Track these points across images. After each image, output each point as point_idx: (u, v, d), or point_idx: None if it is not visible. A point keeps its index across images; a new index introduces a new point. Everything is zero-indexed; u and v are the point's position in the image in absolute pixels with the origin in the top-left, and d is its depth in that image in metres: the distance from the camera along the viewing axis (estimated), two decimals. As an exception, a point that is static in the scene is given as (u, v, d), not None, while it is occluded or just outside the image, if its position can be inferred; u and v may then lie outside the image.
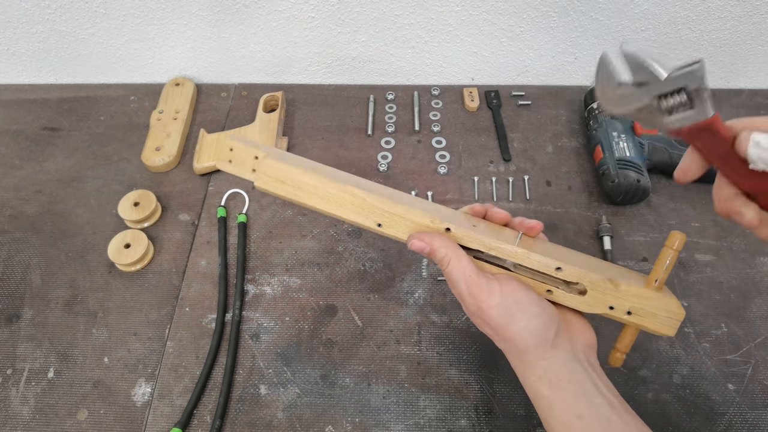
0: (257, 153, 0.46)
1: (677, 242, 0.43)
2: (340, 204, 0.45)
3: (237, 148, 0.47)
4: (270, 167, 0.46)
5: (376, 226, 0.45)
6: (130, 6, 0.77)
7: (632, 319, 0.44)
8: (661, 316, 0.43)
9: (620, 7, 0.77)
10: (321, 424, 0.56)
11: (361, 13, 0.78)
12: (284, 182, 0.45)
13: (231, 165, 0.47)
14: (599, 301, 0.43)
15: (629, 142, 0.72)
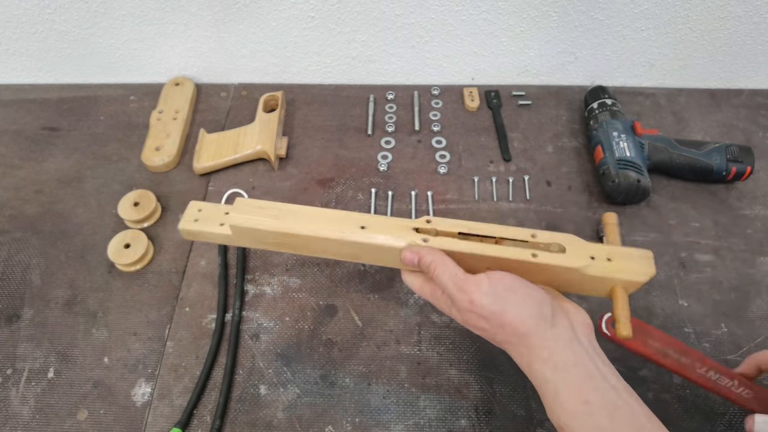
0: (227, 209, 0.49)
1: (612, 218, 0.49)
2: (323, 218, 0.46)
3: (206, 208, 0.49)
4: (246, 203, 0.47)
5: (359, 229, 0.46)
6: (130, 6, 0.77)
7: (613, 265, 0.44)
8: (635, 257, 0.45)
9: (620, 7, 0.77)
10: (321, 424, 0.56)
11: (361, 13, 0.78)
12: (262, 208, 0.47)
13: (198, 223, 0.49)
14: (580, 254, 0.45)
15: (629, 142, 0.72)
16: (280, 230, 0.46)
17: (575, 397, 0.39)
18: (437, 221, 0.47)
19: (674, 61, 0.85)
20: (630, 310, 0.45)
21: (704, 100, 0.86)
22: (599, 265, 0.44)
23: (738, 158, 0.71)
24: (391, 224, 0.46)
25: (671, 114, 0.84)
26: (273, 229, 0.46)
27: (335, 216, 0.47)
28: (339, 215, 0.47)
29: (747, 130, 0.82)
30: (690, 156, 0.72)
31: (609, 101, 0.77)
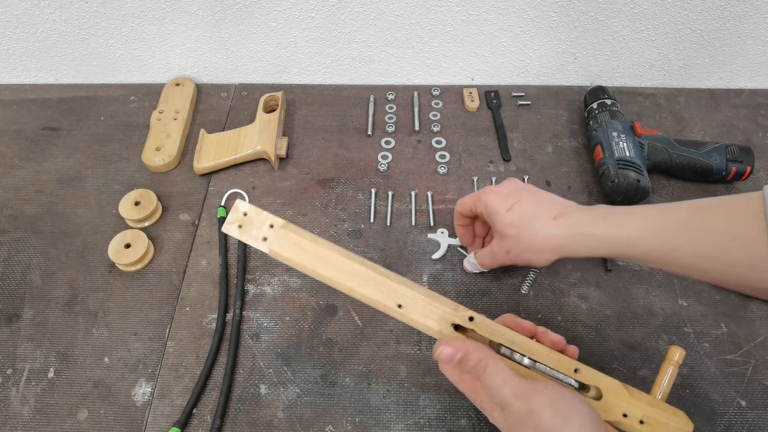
0: (273, 221, 0.46)
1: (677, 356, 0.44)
2: (363, 280, 0.44)
3: (251, 213, 0.46)
4: (288, 237, 0.45)
5: (396, 307, 0.43)
6: (130, 6, 0.77)
7: (644, 429, 0.42)
8: (672, 427, 0.42)
9: (620, 7, 0.77)
10: (321, 423, 0.56)
11: (361, 13, 0.78)
12: (304, 249, 0.45)
13: (241, 230, 0.46)
14: (614, 407, 0.42)
15: (629, 142, 0.72)
16: (313, 275, 0.45)
17: None
18: (480, 322, 0.43)
19: (674, 61, 0.85)
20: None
21: (704, 100, 0.86)
22: (629, 425, 0.42)
23: (738, 158, 0.71)
24: (430, 309, 0.43)
25: (671, 114, 0.84)
26: (308, 273, 0.45)
27: (375, 281, 0.43)
28: (378, 282, 0.43)
29: (747, 130, 0.82)
30: (690, 156, 0.72)
31: (609, 101, 0.77)
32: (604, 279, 0.66)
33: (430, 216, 0.72)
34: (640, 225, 0.48)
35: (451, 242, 0.69)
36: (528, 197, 0.55)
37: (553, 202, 0.55)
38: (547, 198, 0.56)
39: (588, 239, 0.51)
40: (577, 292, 0.65)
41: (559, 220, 0.53)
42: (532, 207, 0.54)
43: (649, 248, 0.48)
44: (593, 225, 0.51)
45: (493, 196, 0.56)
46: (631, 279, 0.66)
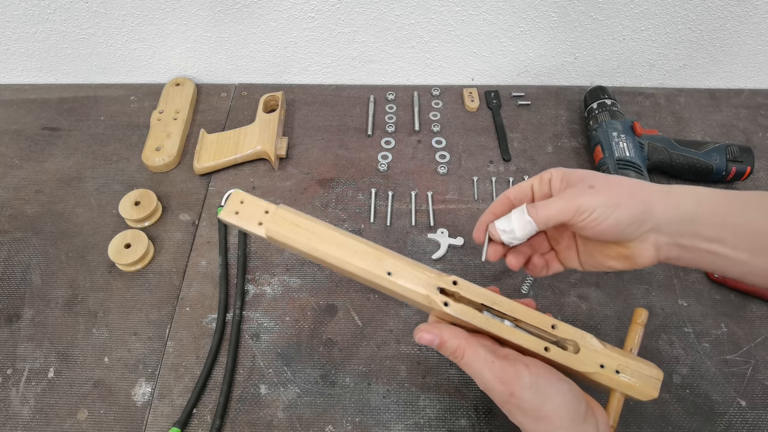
0: (268, 208, 0.48)
1: (642, 317, 0.48)
2: (353, 251, 0.45)
3: (248, 201, 0.48)
4: (284, 216, 0.47)
5: (386, 275, 0.45)
6: (130, 6, 0.77)
7: (620, 378, 0.44)
8: (645, 375, 0.44)
9: (620, 7, 0.77)
10: (321, 423, 0.56)
11: (361, 13, 0.78)
12: (299, 226, 0.46)
13: (237, 216, 0.48)
14: (591, 359, 0.44)
15: (629, 142, 0.72)
16: (308, 252, 0.46)
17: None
18: (464, 286, 0.45)
19: (674, 61, 0.85)
20: (619, 417, 0.45)
21: (704, 100, 0.86)
22: (605, 375, 0.44)
23: (738, 158, 0.71)
24: (417, 276, 0.45)
25: (671, 114, 0.84)
26: (302, 248, 0.46)
27: (365, 252, 0.45)
28: (368, 253, 0.45)
29: (747, 130, 0.82)
30: (690, 156, 0.72)
31: (608, 101, 0.77)
32: (604, 279, 0.66)
33: (430, 216, 0.72)
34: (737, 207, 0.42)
35: (451, 242, 0.69)
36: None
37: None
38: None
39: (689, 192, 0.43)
40: (577, 292, 0.65)
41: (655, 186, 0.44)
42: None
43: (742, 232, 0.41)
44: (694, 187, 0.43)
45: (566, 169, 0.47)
46: (631, 279, 0.66)
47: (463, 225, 0.71)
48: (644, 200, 0.42)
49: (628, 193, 0.42)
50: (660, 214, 0.42)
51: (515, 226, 0.45)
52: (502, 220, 0.46)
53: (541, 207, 0.44)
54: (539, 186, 0.47)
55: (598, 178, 0.44)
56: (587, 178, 0.44)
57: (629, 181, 0.44)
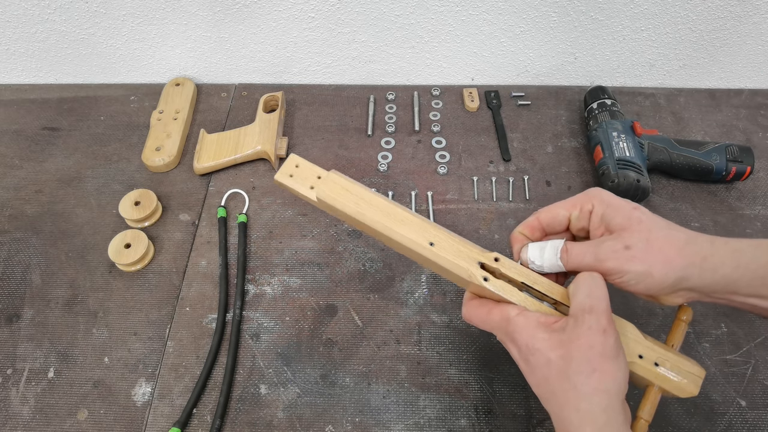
0: (321, 173, 0.50)
1: (687, 315, 0.47)
2: (399, 220, 0.46)
3: (302, 165, 0.51)
4: (335, 180, 0.48)
5: (428, 245, 0.45)
6: (130, 6, 0.77)
7: (659, 370, 0.43)
8: (684, 371, 0.43)
9: (620, 7, 0.77)
10: (321, 423, 0.56)
11: (361, 13, 0.78)
12: (348, 191, 0.47)
13: (291, 179, 0.50)
14: (629, 348, 0.43)
15: (629, 142, 0.72)
16: (354, 216, 0.46)
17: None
18: (505, 263, 0.44)
19: (674, 61, 0.85)
20: (654, 414, 0.43)
21: (704, 100, 0.86)
22: (644, 367, 0.43)
23: (738, 158, 0.71)
24: (459, 249, 0.45)
25: (671, 114, 0.84)
26: (349, 213, 0.46)
27: (411, 221, 0.46)
28: (413, 222, 0.46)
29: (747, 130, 0.82)
30: (690, 156, 0.72)
31: (608, 101, 0.77)
32: (604, 279, 0.66)
33: (430, 216, 0.72)
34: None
35: None
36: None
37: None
38: None
39: (735, 254, 0.41)
40: (577, 292, 0.65)
41: (695, 232, 0.43)
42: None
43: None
44: (738, 241, 0.42)
45: (612, 195, 0.45)
46: (631, 279, 0.66)
47: (463, 225, 0.71)
48: (680, 268, 0.41)
49: (664, 261, 0.41)
50: (694, 281, 0.41)
51: (545, 263, 0.45)
52: (534, 250, 0.46)
53: (573, 256, 0.43)
54: (577, 218, 0.46)
55: (636, 236, 0.41)
56: (627, 231, 0.42)
57: (669, 244, 0.41)
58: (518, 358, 0.43)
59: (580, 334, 0.39)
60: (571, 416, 0.38)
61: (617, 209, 0.43)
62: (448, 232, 0.46)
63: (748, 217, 0.72)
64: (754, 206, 0.73)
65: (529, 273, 0.45)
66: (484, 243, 0.69)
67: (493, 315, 0.44)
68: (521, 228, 0.48)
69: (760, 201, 0.74)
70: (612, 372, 0.38)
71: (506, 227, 0.71)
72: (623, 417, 0.38)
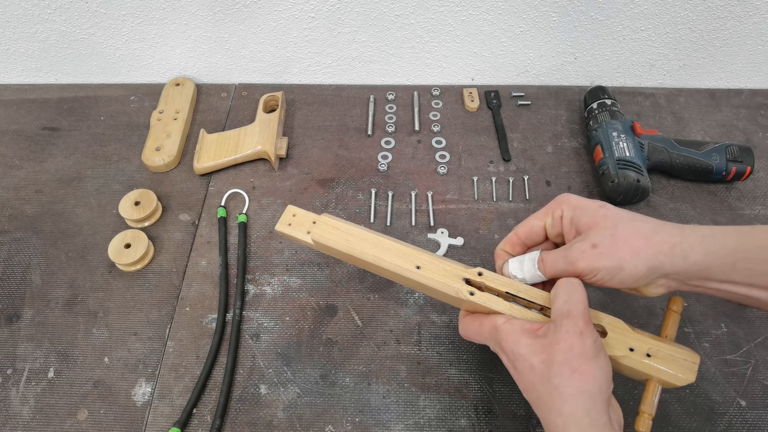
0: (315, 218, 0.55)
1: (678, 305, 0.47)
2: (386, 249, 0.50)
3: (299, 214, 0.55)
4: (326, 221, 0.52)
5: (415, 269, 0.48)
6: (130, 6, 0.77)
7: (652, 362, 0.43)
8: (678, 359, 0.43)
9: (620, 7, 0.77)
10: (321, 423, 0.56)
11: (361, 13, 0.78)
12: (339, 229, 0.52)
13: (290, 228, 0.55)
14: (620, 342, 0.44)
15: (629, 142, 0.72)
16: (346, 251, 0.50)
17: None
18: (488, 276, 0.47)
19: (674, 61, 0.85)
20: (657, 407, 0.43)
21: (704, 100, 0.86)
22: (636, 359, 0.43)
23: (738, 158, 0.71)
24: (444, 269, 0.48)
25: (671, 114, 0.84)
26: (342, 249, 0.50)
27: (397, 249, 0.50)
28: (399, 249, 0.50)
29: (747, 130, 0.82)
30: (690, 156, 0.72)
31: (608, 101, 0.77)
32: (604, 279, 0.66)
33: (430, 216, 0.72)
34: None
35: (451, 242, 0.68)
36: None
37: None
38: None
39: (705, 239, 0.41)
40: (577, 292, 0.65)
41: (661, 221, 0.44)
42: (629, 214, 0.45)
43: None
44: (707, 228, 0.42)
45: (579, 198, 0.47)
46: (631, 279, 0.66)
47: (463, 225, 0.71)
48: (649, 258, 0.42)
49: (632, 253, 0.42)
50: (667, 269, 0.42)
51: (527, 275, 0.47)
52: (515, 264, 0.48)
53: (548, 265, 0.45)
54: (552, 226, 0.48)
55: (602, 233, 0.43)
56: (594, 229, 0.43)
57: (635, 235, 0.42)
58: (508, 365, 0.44)
59: (560, 338, 0.40)
60: (556, 420, 0.39)
61: (584, 210, 0.45)
62: (432, 255, 0.49)
63: (748, 217, 0.72)
64: (754, 206, 0.73)
65: (512, 282, 0.47)
66: (484, 243, 0.69)
67: (484, 326, 0.46)
68: (502, 245, 0.51)
69: (760, 201, 0.74)
70: (591, 372, 0.38)
71: (506, 227, 0.71)
72: (606, 418, 0.39)
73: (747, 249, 0.40)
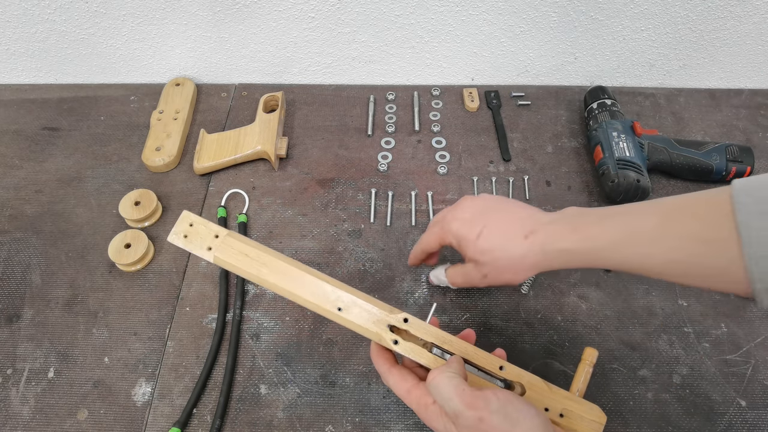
0: (219, 232, 0.47)
1: (592, 357, 0.49)
2: (303, 284, 0.45)
3: (197, 223, 0.47)
4: (231, 244, 0.46)
5: (336, 311, 0.45)
6: (130, 6, 0.77)
7: (563, 422, 0.45)
8: (587, 419, 0.46)
9: (620, 7, 0.77)
10: (321, 423, 0.56)
11: (361, 13, 0.78)
12: (248, 256, 0.46)
13: (186, 240, 0.47)
14: (537, 402, 0.45)
15: (629, 142, 0.72)
16: (257, 283, 0.46)
17: None
18: (414, 323, 0.45)
19: (674, 61, 0.85)
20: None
21: (704, 100, 0.86)
22: (550, 418, 0.45)
23: (738, 158, 0.71)
24: (369, 311, 0.45)
25: (671, 114, 0.84)
26: (252, 280, 0.46)
27: (316, 285, 0.45)
28: (319, 287, 0.45)
29: (747, 130, 0.82)
30: (690, 156, 0.72)
31: (608, 101, 0.77)
32: (604, 279, 0.66)
33: (430, 216, 0.72)
34: (610, 237, 0.47)
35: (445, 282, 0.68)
36: (494, 217, 0.53)
37: (521, 218, 0.52)
38: (515, 213, 0.53)
39: (561, 255, 0.49)
40: (577, 292, 0.65)
41: (531, 239, 0.50)
42: (501, 229, 0.52)
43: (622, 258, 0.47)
44: (564, 240, 0.49)
45: (458, 224, 0.53)
46: (630, 279, 0.66)
47: (463, 225, 0.71)
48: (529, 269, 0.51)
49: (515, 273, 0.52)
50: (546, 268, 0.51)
51: (443, 280, 0.61)
52: (437, 273, 0.62)
53: (451, 278, 0.59)
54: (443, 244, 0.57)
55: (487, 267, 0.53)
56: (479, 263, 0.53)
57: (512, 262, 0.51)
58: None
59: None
60: None
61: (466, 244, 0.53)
62: (356, 292, 0.46)
63: (748, 217, 0.72)
64: (754, 206, 0.73)
65: (437, 332, 0.46)
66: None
67: (412, 397, 0.45)
68: (412, 259, 0.63)
69: (760, 201, 0.73)
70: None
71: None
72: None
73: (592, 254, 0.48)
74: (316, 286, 0.45)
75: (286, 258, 0.47)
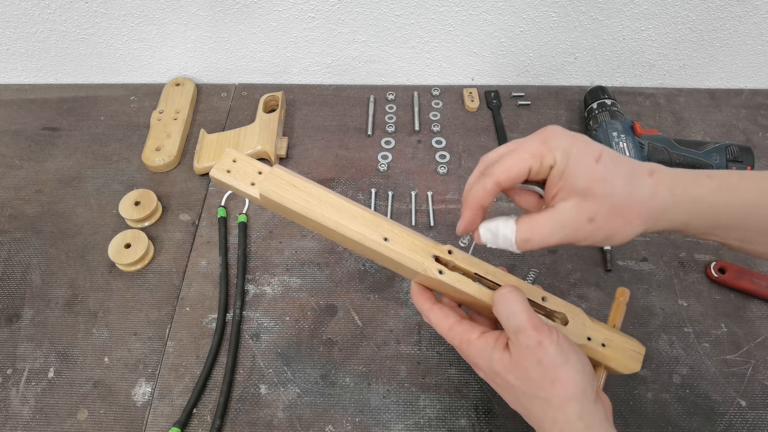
0: (263, 168, 0.47)
1: (624, 296, 0.49)
2: (351, 215, 0.44)
3: (240, 160, 0.47)
4: (280, 175, 0.45)
5: (382, 240, 0.44)
6: (130, 6, 0.77)
7: (605, 351, 0.45)
8: (629, 350, 0.45)
9: (620, 7, 0.77)
10: (321, 423, 0.56)
11: (361, 13, 0.78)
12: (296, 186, 0.44)
13: (229, 175, 0.46)
14: (579, 331, 0.45)
15: (629, 142, 0.72)
16: (304, 213, 0.44)
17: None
18: (458, 255, 0.45)
19: (674, 61, 0.85)
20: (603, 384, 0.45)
21: (704, 100, 0.86)
22: (592, 348, 0.45)
23: (738, 158, 0.71)
24: (414, 243, 0.44)
25: (671, 114, 0.84)
26: (299, 211, 0.44)
27: (363, 217, 0.44)
28: (366, 217, 0.44)
29: (747, 130, 0.82)
30: (690, 156, 0.72)
31: (608, 101, 0.77)
32: (604, 279, 0.66)
33: (430, 216, 0.72)
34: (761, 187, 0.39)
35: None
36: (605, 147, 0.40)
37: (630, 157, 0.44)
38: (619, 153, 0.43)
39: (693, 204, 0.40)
40: (577, 292, 0.65)
41: (656, 177, 0.39)
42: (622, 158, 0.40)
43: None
44: (698, 185, 0.40)
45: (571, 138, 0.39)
46: (631, 279, 0.66)
47: (463, 225, 0.71)
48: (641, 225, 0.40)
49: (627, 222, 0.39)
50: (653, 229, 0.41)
51: (500, 242, 0.42)
52: (487, 229, 0.42)
53: (530, 226, 0.40)
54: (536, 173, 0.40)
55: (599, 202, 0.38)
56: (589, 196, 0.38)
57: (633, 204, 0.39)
58: (486, 379, 0.44)
59: (524, 355, 0.39)
60: (552, 429, 0.39)
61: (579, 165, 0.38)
62: (401, 226, 0.45)
63: (748, 217, 0.72)
64: (754, 206, 0.73)
65: (481, 264, 0.45)
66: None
67: (455, 332, 0.44)
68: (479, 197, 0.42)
69: (760, 201, 0.73)
70: (570, 377, 0.38)
71: (506, 227, 0.71)
72: (601, 415, 0.39)
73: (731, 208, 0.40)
74: (363, 217, 0.44)
75: (332, 192, 0.46)
